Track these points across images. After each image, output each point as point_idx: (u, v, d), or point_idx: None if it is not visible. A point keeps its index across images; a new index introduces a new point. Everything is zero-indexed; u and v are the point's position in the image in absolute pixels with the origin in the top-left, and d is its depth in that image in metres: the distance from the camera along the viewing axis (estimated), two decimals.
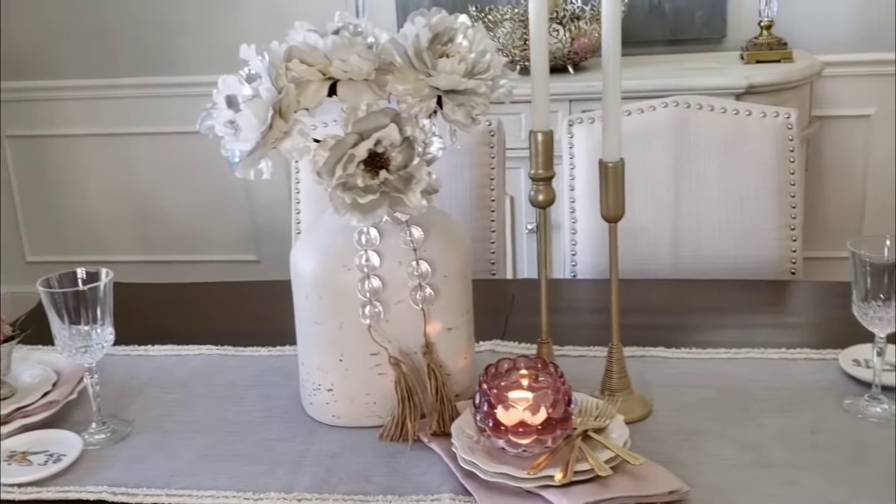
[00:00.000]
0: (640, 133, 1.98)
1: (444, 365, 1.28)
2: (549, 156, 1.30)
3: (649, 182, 1.97)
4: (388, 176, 1.17)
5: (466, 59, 1.19)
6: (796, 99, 2.73)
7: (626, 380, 1.31)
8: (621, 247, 1.96)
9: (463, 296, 1.31)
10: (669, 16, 3.02)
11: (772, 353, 1.44)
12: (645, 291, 1.81)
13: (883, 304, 1.23)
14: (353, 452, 1.24)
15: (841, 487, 1.10)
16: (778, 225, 1.91)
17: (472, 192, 2.06)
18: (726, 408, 1.29)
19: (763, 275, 1.90)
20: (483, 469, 1.12)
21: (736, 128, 1.94)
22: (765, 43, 2.80)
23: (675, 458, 1.18)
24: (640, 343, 1.49)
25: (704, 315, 1.65)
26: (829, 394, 1.31)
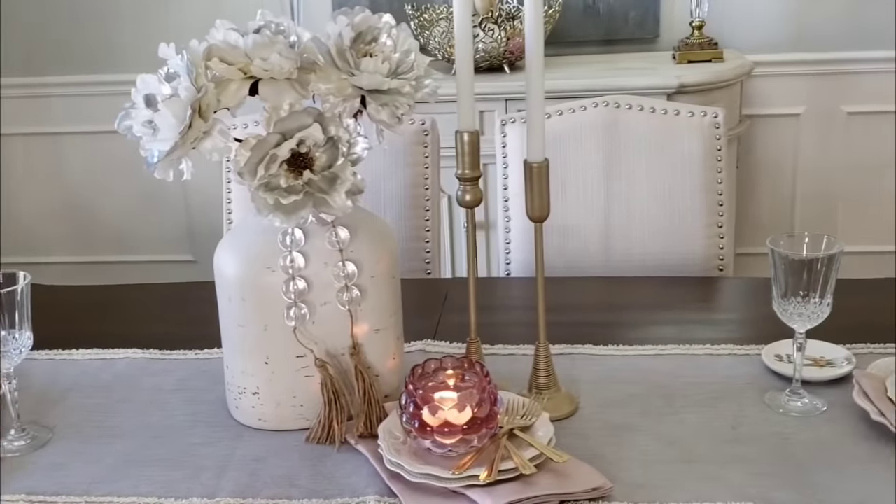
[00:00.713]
0: (571, 133, 1.99)
1: (373, 366, 1.27)
2: (475, 156, 1.30)
3: (580, 181, 1.98)
4: (311, 176, 1.17)
5: (390, 59, 1.19)
6: (727, 98, 2.77)
7: (553, 378, 1.31)
8: (553, 245, 2.00)
9: (391, 296, 1.30)
10: (603, 16, 3.05)
11: (697, 348, 1.46)
12: (576, 289, 1.83)
13: (802, 301, 1.25)
14: (279, 456, 1.23)
15: (761, 480, 1.12)
16: (706, 223, 1.94)
17: (406, 191, 2.06)
18: (651, 403, 1.31)
19: (692, 272, 1.92)
20: (408, 470, 1.11)
21: (665, 127, 1.96)
22: (696, 43, 2.84)
23: (600, 455, 1.19)
24: (570, 341, 1.51)
25: (634, 312, 1.67)
26: (752, 388, 1.33)
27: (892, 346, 1.41)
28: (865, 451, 1.17)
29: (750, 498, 1.09)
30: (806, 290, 1.24)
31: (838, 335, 1.42)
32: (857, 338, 1.44)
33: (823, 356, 1.38)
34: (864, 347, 1.42)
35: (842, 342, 1.42)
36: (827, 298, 1.25)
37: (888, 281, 1.73)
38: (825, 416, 1.25)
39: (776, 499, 1.09)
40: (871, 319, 1.50)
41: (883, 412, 1.18)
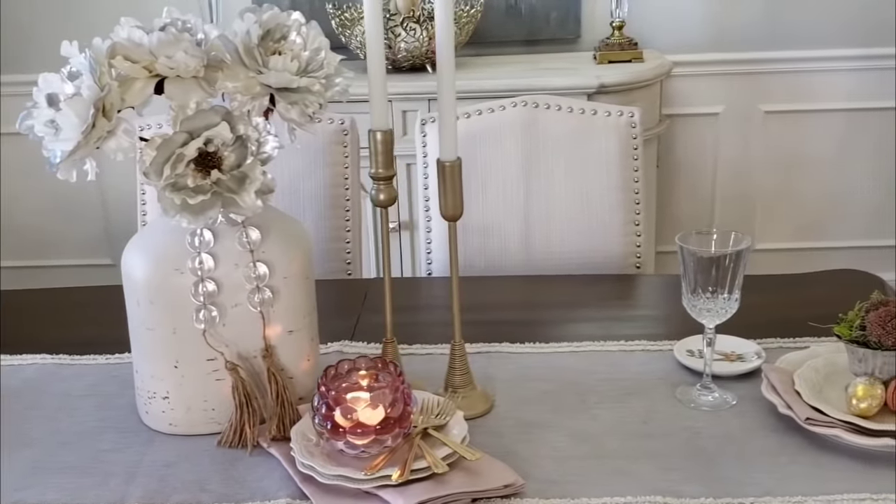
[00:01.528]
0: (490, 132, 2.00)
1: (286, 368, 1.26)
2: (389, 155, 1.30)
3: (500, 181, 1.99)
4: (220, 176, 1.15)
5: (300, 57, 1.18)
6: (647, 98, 2.81)
7: (469, 376, 1.32)
8: (474, 245, 2.01)
9: (305, 297, 1.29)
10: (525, 17, 3.07)
11: (611, 345, 1.48)
12: (496, 288, 1.84)
13: (711, 297, 1.27)
14: (190, 461, 1.21)
15: (670, 474, 1.14)
16: (623, 221, 1.97)
17: (325, 191, 2.04)
18: (564, 400, 1.32)
19: (610, 269, 1.95)
20: (320, 472, 1.10)
21: (582, 127, 1.98)
22: (616, 43, 2.88)
23: (514, 452, 1.19)
24: (487, 339, 1.51)
25: (552, 310, 1.68)
26: (664, 383, 1.35)
27: (802, 340, 1.44)
28: (773, 443, 1.19)
29: (659, 492, 1.10)
30: (714, 285, 1.27)
31: (749, 330, 1.46)
32: (768, 332, 1.47)
33: (734, 351, 1.41)
34: (774, 342, 1.45)
35: (753, 337, 1.45)
36: (735, 294, 1.27)
37: (799, 276, 1.78)
38: (735, 409, 1.28)
39: (685, 492, 1.10)
40: (782, 314, 1.54)
41: (790, 405, 1.21)
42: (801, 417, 1.17)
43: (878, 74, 3.04)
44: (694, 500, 1.08)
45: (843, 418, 1.16)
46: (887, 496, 1.07)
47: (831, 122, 3.10)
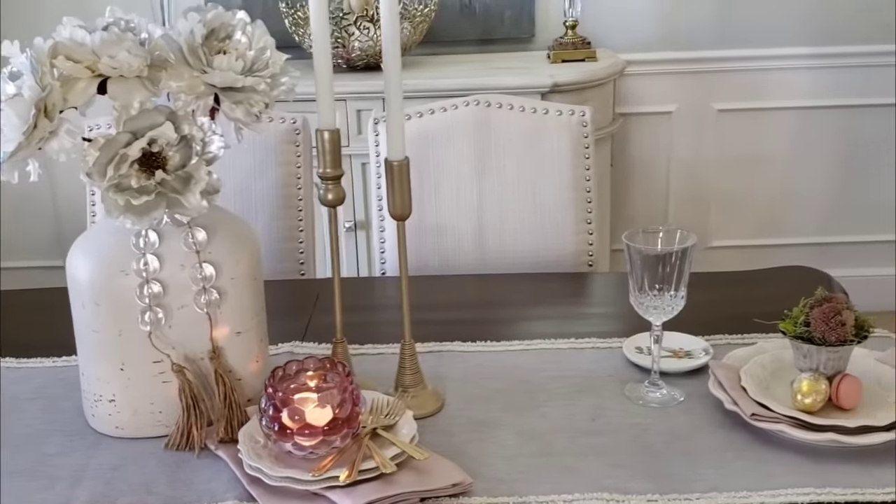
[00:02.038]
0: (443, 132, 2.00)
1: (234, 370, 1.25)
2: (336, 154, 1.29)
3: (454, 180, 1.99)
4: (164, 176, 1.14)
5: (245, 56, 1.17)
6: (600, 97, 2.83)
7: (419, 376, 1.32)
8: (428, 244, 2.01)
9: (253, 298, 1.28)
10: (479, 16, 3.07)
11: (562, 343, 1.48)
12: (450, 287, 1.84)
13: (658, 294, 1.29)
14: (136, 464, 1.20)
15: (617, 471, 1.15)
16: (575, 219, 1.98)
17: (277, 191, 2.03)
18: (514, 398, 1.32)
19: (562, 267, 1.96)
20: (268, 474, 1.10)
21: (534, 126, 1.99)
22: (570, 42, 2.89)
23: (463, 451, 1.20)
24: (439, 339, 1.51)
25: (504, 309, 1.69)
26: (613, 381, 1.36)
27: (749, 336, 1.45)
28: (720, 439, 1.21)
29: (606, 489, 1.11)
30: (661, 283, 1.28)
31: (698, 327, 1.47)
32: (717, 329, 1.49)
33: (683, 348, 1.42)
34: (722, 339, 1.47)
35: (701, 334, 1.46)
36: (681, 291, 1.29)
37: (749, 273, 1.80)
38: (682, 406, 1.29)
39: (632, 488, 1.11)
40: (731, 311, 1.55)
41: (736, 401, 1.22)
42: (747, 413, 1.19)
43: (830, 73, 3.09)
44: (640, 497, 1.09)
45: (788, 414, 1.17)
46: (831, 490, 1.09)
47: (784, 120, 3.14)
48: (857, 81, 3.09)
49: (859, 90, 3.10)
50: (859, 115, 3.13)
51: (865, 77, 3.08)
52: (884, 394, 1.23)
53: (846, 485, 1.09)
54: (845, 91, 3.10)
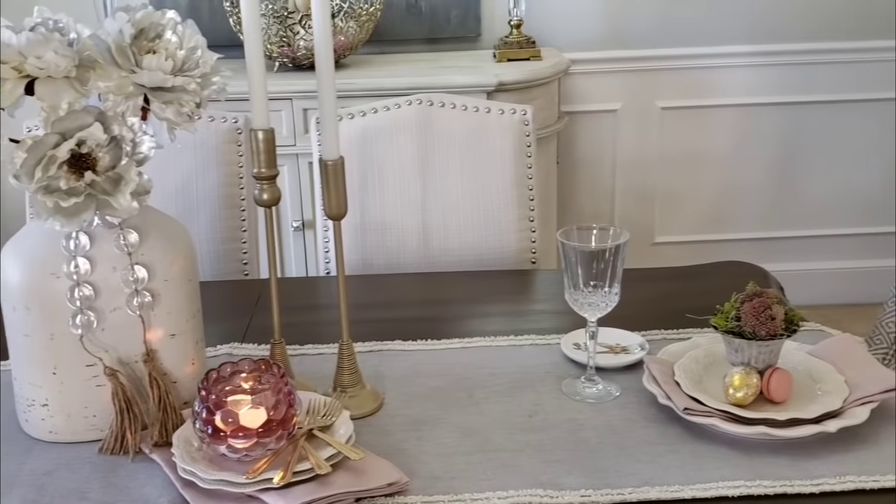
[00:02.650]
0: (386, 130, 2.00)
1: (170, 372, 1.24)
2: (271, 154, 1.29)
3: (398, 178, 1.99)
4: (94, 177, 1.12)
5: (175, 56, 1.16)
6: (545, 95, 2.85)
7: (357, 375, 1.31)
8: (373, 243, 2.01)
9: (187, 300, 1.27)
10: (426, 15, 3.08)
11: (501, 340, 1.49)
12: (394, 286, 1.84)
13: (592, 291, 1.30)
14: (70, 469, 1.18)
15: (552, 466, 1.16)
16: (518, 217, 1.99)
17: (220, 191, 2.01)
18: (453, 396, 1.33)
19: (506, 265, 1.97)
20: (201, 477, 1.09)
21: (477, 125, 2.00)
22: (515, 42, 2.90)
23: (401, 450, 1.20)
24: (380, 338, 1.51)
25: (448, 306, 1.69)
26: (550, 377, 1.37)
27: (685, 331, 1.47)
28: (653, 433, 1.22)
29: (541, 485, 1.12)
30: (595, 280, 1.29)
31: (635, 322, 1.49)
32: (653, 325, 1.51)
33: (619, 343, 1.44)
34: (658, 334, 1.49)
35: (638, 329, 1.48)
36: (615, 288, 1.30)
37: (687, 269, 1.82)
38: (618, 401, 1.30)
39: (566, 484, 1.12)
40: (668, 307, 1.57)
41: (669, 395, 1.24)
42: (680, 407, 1.21)
43: (770, 70, 3.14)
44: (574, 492, 1.10)
45: (719, 407, 1.19)
46: (761, 482, 1.10)
47: (726, 117, 3.19)
48: (797, 79, 3.14)
49: (799, 87, 3.15)
50: (799, 112, 3.19)
51: (805, 74, 3.14)
52: (815, 387, 1.25)
53: (776, 477, 1.11)
54: (785, 89, 3.15)
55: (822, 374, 1.26)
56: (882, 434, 1.18)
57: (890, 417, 1.21)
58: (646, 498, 1.09)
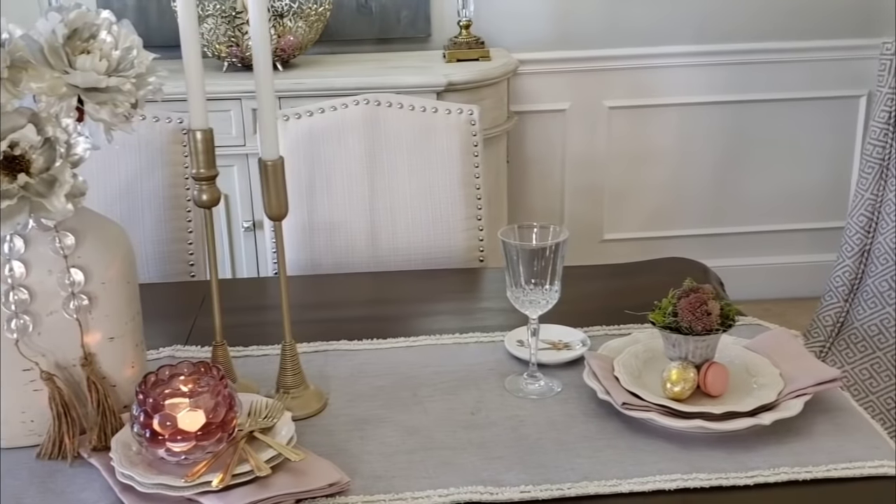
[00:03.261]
0: (333, 130, 2.00)
1: (109, 376, 1.23)
2: (210, 154, 1.28)
3: (345, 178, 1.99)
4: (28, 179, 1.11)
5: (109, 56, 1.14)
6: (495, 95, 2.86)
7: (300, 376, 1.31)
8: (321, 243, 2.00)
9: (126, 302, 1.25)
10: (376, 15, 3.08)
11: (446, 338, 1.50)
12: (342, 286, 1.84)
13: (534, 288, 1.31)
14: (8, 475, 1.17)
15: (493, 463, 1.16)
16: (465, 216, 2.00)
17: (165, 191, 1.99)
18: (397, 395, 1.33)
19: (454, 263, 1.98)
20: (139, 481, 1.08)
21: (423, 124, 2.00)
22: (464, 42, 2.91)
23: (344, 449, 1.20)
24: (325, 338, 1.51)
25: (395, 306, 1.69)
26: (493, 374, 1.38)
27: (626, 327, 1.49)
28: (593, 428, 1.23)
29: (482, 482, 1.13)
30: (536, 278, 1.30)
31: (577, 319, 1.50)
32: (595, 321, 1.52)
33: (562, 339, 1.45)
34: (600, 329, 1.50)
35: (581, 325, 1.49)
36: (555, 285, 1.31)
37: (630, 265, 1.84)
38: (559, 397, 1.31)
39: (506, 480, 1.13)
40: (609, 303, 1.59)
41: (609, 390, 1.25)
42: (619, 402, 1.22)
43: (714, 70, 3.18)
44: (514, 489, 1.11)
45: (657, 402, 1.21)
46: (697, 475, 1.12)
47: (672, 116, 3.23)
48: (740, 78, 3.20)
49: (743, 87, 3.21)
50: (742, 111, 3.24)
51: (748, 74, 3.19)
52: (751, 380, 1.27)
53: (712, 470, 1.13)
54: (729, 88, 3.20)
55: (758, 368, 1.28)
56: (816, 426, 1.20)
57: (824, 410, 1.23)
58: (584, 492, 1.10)
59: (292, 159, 1.98)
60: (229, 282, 2.38)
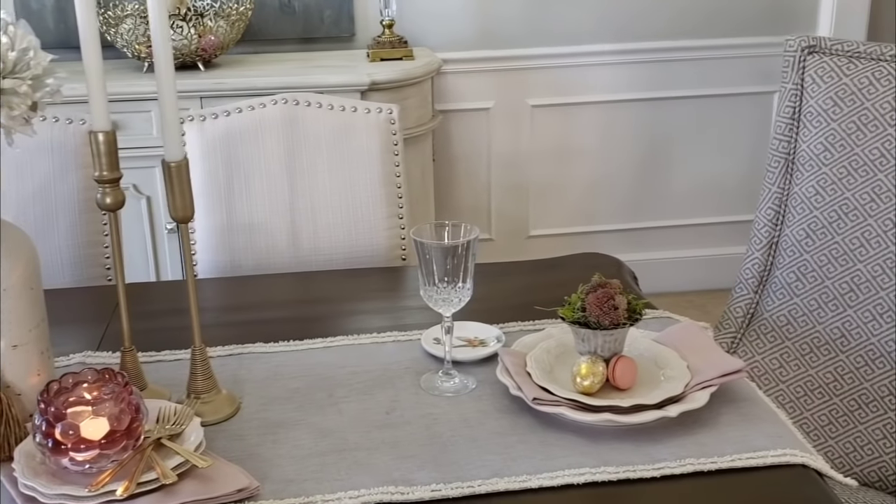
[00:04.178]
0: (252, 130, 1.98)
1: (13, 385, 1.20)
2: (113, 157, 1.26)
3: (265, 178, 1.97)
4: None
5: (5, 58, 1.12)
6: (419, 94, 2.86)
7: (212, 380, 1.29)
8: (241, 244, 1.98)
9: (29, 309, 1.23)
10: (300, 15, 3.05)
11: (364, 338, 1.49)
12: (262, 287, 1.82)
13: (447, 286, 1.31)
14: None
15: (406, 462, 1.16)
16: (386, 215, 1.99)
17: (79, 195, 1.95)
18: (312, 397, 1.32)
19: (376, 262, 1.97)
20: (42, 492, 1.06)
21: (343, 124, 1.99)
22: (387, 41, 2.91)
23: (256, 454, 1.19)
24: (242, 340, 1.49)
25: (314, 306, 1.68)
26: (410, 373, 1.38)
27: (541, 323, 1.50)
28: (505, 424, 1.24)
29: (393, 482, 1.12)
30: (449, 276, 1.30)
31: (494, 315, 1.51)
32: (511, 317, 1.53)
33: (477, 336, 1.46)
34: (515, 325, 1.51)
35: (497, 322, 1.50)
36: (468, 283, 1.31)
37: (548, 261, 1.85)
38: (474, 393, 1.32)
39: (417, 479, 1.13)
40: (525, 299, 1.59)
41: (521, 386, 1.26)
42: (530, 398, 1.23)
43: (633, 68, 3.23)
44: (425, 487, 1.11)
45: (568, 396, 1.22)
46: (605, 469, 1.13)
47: (593, 113, 3.27)
48: (658, 76, 3.25)
49: (661, 84, 3.26)
50: (661, 108, 3.29)
51: (665, 71, 3.25)
52: (659, 373, 1.29)
53: (620, 463, 1.14)
54: (648, 85, 3.25)
55: (666, 360, 1.30)
56: (722, 417, 1.22)
57: (730, 400, 1.26)
58: (494, 489, 1.11)
59: (210, 160, 1.96)
60: (148, 285, 2.35)
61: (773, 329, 1.57)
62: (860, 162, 1.43)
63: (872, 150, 1.45)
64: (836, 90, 1.47)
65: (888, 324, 1.47)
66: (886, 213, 1.45)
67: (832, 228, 1.50)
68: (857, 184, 1.46)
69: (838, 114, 1.46)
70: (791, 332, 1.56)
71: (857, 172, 1.44)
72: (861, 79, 1.46)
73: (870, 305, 1.48)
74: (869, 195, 1.45)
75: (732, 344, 1.58)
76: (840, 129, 1.46)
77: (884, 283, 1.47)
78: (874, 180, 1.44)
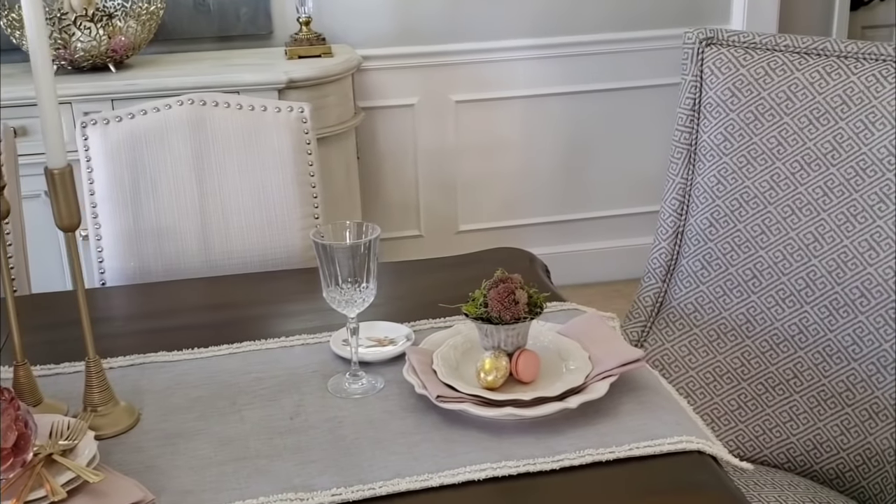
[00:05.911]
0: (156, 132, 1.94)
1: None
2: None
3: (171, 181, 1.93)
4: None
5: None
6: (339, 92, 2.83)
7: (108, 392, 1.26)
8: (150, 249, 1.94)
9: None
10: (215, 13, 3.01)
11: (271, 342, 1.46)
12: (172, 293, 1.78)
13: (350, 287, 1.29)
14: None
15: (307, 467, 1.14)
16: (301, 215, 1.97)
17: None
18: (214, 405, 1.29)
19: (293, 264, 1.94)
20: None
21: (252, 124, 1.96)
22: (305, 39, 2.87)
23: (153, 466, 1.16)
24: (146, 349, 1.46)
25: (224, 312, 1.65)
26: (317, 376, 1.36)
27: (451, 320, 1.48)
28: (410, 423, 1.22)
29: (293, 488, 1.10)
30: (353, 277, 1.28)
31: (404, 314, 1.50)
32: (421, 315, 1.51)
33: (387, 336, 1.44)
34: (426, 323, 1.49)
35: (407, 320, 1.49)
36: (371, 283, 1.30)
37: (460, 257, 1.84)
38: (381, 394, 1.30)
39: (318, 484, 1.11)
40: (436, 296, 1.57)
41: (425, 384, 1.24)
42: (434, 396, 1.22)
43: (552, 62, 3.25)
44: (325, 492, 1.09)
45: (471, 392, 1.21)
46: (506, 463, 1.12)
47: (516, 108, 3.27)
48: (578, 69, 3.27)
49: (581, 77, 3.28)
50: (581, 101, 3.31)
51: (585, 64, 3.27)
52: (562, 365, 1.29)
53: (522, 457, 1.13)
54: (568, 79, 3.27)
55: (569, 352, 1.30)
56: (622, 406, 1.22)
57: (631, 389, 1.26)
58: (395, 490, 1.09)
59: (114, 164, 1.91)
60: (55, 295, 2.28)
61: (681, 317, 1.58)
62: (758, 151, 1.45)
63: (770, 139, 1.47)
64: (734, 81, 1.49)
65: (790, 308, 1.49)
66: (785, 199, 1.47)
67: (734, 217, 1.51)
68: (756, 172, 1.47)
69: (736, 104, 1.48)
70: (699, 320, 1.57)
71: (755, 161, 1.46)
72: (757, 69, 1.47)
73: (772, 291, 1.50)
74: (768, 183, 1.47)
75: (642, 333, 1.58)
76: (738, 118, 1.47)
77: (785, 269, 1.49)
78: (772, 168, 1.46)
